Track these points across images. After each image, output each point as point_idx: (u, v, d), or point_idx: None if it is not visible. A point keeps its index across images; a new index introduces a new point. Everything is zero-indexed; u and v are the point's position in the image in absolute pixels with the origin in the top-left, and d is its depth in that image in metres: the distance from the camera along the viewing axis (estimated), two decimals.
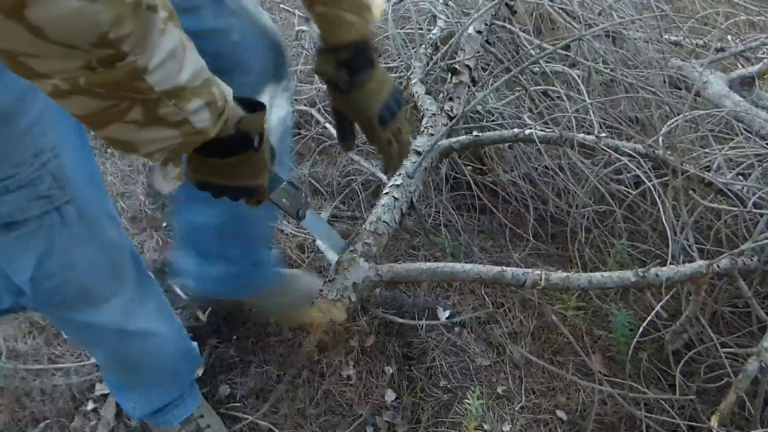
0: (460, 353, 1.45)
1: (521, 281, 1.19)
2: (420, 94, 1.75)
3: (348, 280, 1.15)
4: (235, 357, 1.44)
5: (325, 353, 1.43)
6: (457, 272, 1.21)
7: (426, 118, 1.62)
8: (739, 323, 1.41)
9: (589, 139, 1.46)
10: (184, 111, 0.59)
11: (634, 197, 1.54)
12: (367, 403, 1.36)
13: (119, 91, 0.54)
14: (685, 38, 2.12)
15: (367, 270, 1.18)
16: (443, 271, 1.21)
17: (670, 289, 1.26)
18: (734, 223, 1.45)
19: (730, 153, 1.52)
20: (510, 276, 1.19)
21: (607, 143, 1.46)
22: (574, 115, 1.62)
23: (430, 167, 1.49)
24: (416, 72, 1.86)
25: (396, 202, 1.37)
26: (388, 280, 1.21)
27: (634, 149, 1.46)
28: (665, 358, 1.39)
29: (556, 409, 1.36)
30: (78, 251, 0.87)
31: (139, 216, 1.76)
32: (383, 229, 1.30)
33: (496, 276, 1.20)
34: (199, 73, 0.60)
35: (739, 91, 1.86)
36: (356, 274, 1.16)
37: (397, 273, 1.21)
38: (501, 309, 1.55)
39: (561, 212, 1.70)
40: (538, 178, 1.73)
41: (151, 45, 0.53)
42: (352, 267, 1.16)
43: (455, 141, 1.54)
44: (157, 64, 0.54)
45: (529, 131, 1.48)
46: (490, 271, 1.20)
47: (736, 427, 1.26)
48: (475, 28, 1.87)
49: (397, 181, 1.42)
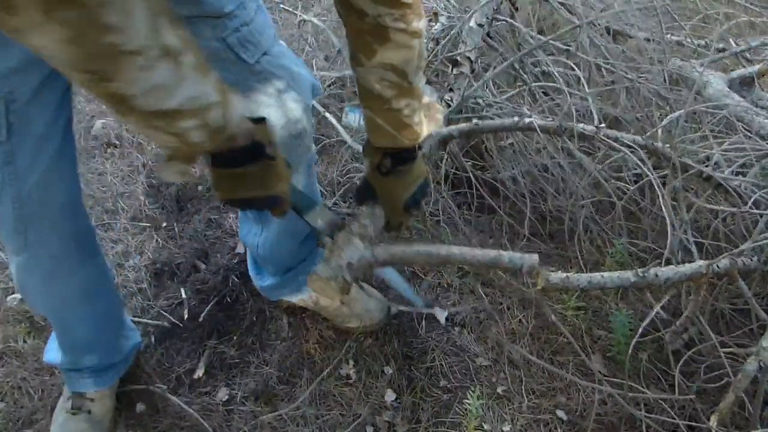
0: (460, 353, 1.46)
1: (518, 265, 1.16)
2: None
3: (343, 260, 1.12)
4: (235, 357, 1.44)
5: (327, 351, 1.44)
6: (453, 255, 1.18)
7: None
8: (740, 323, 1.41)
9: (588, 130, 1.45)
10: (175, 127, 0.66)
11: (632, 192, 1.54)
12: (367, 403, 1.36)
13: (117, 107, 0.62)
14: (687, 38, 2.11)
15: (363, 250, 1.15)
16: (439, 254, 1.19)
17: (670, 289, 1.26)
18: (733, 221, 1.45)
19: (729, 151, 1.52)
20: (507, 260, 1.17)
21: (607, 134, 1.45)
22: (575, 105, 1.61)
23: (428, 154, 1.47)
24: None
25: None
26: (383, 260, 1.18)
27: (634, 140, 1.45)
28: (665, 358, 1.39)
29: (556, 409, 1.36)
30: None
31: (139, 216, 1.76)
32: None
33: (493, 259, 1.17)
34: (199, 98, 0.65)
35: (739, 91, 1.86)
36: (351, 253, 1.13)
37: (394, 254, 1.18)
38: (500, 308, 1.55)
39: (560, 210, 1.69)
40: (538, 174, 1.73)
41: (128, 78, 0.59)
42: (348, 246, 1.14)
43: (454, 129, 1.53)
44: (140, 92, 0.60)
45: (529, 120, 1.47)
46: (487, 254, 1.18)
47: (736, 427, 1.26)
48: (477, 21, 1.86)
49: None
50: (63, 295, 1.16)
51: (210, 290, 1.55)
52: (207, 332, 1.48)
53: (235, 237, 1.67)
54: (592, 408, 1.32)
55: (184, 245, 1.66)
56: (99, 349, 1.28)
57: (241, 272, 1.58)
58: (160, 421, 1.32)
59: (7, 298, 1.54)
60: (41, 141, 0.95)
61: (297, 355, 1.44)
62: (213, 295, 1.54)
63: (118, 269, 1.62)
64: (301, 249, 1.39)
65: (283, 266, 1.41)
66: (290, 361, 1.43)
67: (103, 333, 1.28)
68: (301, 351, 1.45)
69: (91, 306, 1.21)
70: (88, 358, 1.27)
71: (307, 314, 1.52)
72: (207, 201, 1.79)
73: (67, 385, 1.30)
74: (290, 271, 1.42)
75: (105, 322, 1.28)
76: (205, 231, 1.70)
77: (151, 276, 1.60)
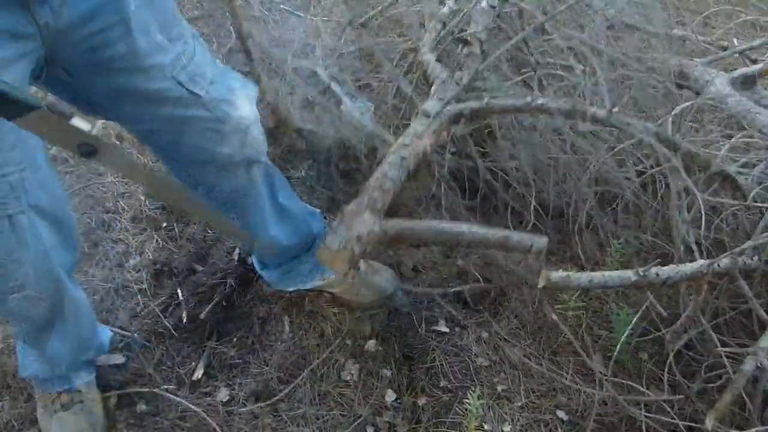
0: (461, 353, 1.45)
1: (527, 246, 1.15)
2: (430, 62, 1.73)
3: (352, 232, 1.10)
4: (235, 358, 1.44)
5: (327, 352, 1.43)
6: (463, 232, 1.17)
7: (436, 85, 1.60)
8: (740, 323, 1.40)
9: (600, 114, 1.43)
10: None
11: (635, 187, 1.53)
12: (368, 403, 1.36)
13: None
14: (691, 34, 2.10)
15: (373, 223, 1.13)
16: (450, 231, 1.17)
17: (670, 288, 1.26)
18: (735, 220, 1.45)
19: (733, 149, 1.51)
20: (515, 240, 1.16)
21: (619, 119, 1.43)
22: (586, 93, 1.60)
23: (439, 130, 1.45)
24: (426, 42, 1.84)
25: (403, 161, 1.34)
26: (393, 235, 1.16)
27: (645, 127, 1.44)
28: (666, 358, 1.38)
29: (556, 409, 1.36)
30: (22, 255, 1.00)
31: (139, 216, 1.76)
32: (389, 185, 1.26)
33: (501, 239, 1.16)
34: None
35: (741, 90, 1.85)
36: (361, 226, 1.10)
37: (403, 229, 1.16)
38: (501, 308, 1.55)
39: (562, 199, 1.67)
40: (540, 165, 1.71)
41: None
42: (358, 218, 1.11)
43: (465, 106, 1.51)
44: None
45: (542, 100, 1.45)
46: (495, 233, 1.17)
47: (736, 427, 1.25)
48: (489, 2, 1.84)
49: (405, 140, 1.39)
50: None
51: (210, 290, 1.55)
52: (207, 333, 1.48)
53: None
54: (592, 408, 1.32)
55: (184, 245, 1.66)
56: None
57: (240, 273, 1.58)
58: (160, 422, 1.32)
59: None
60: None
61: (297, 355, 1.44)
62: (213, 295, 1.54)
63: (118, 269, 1.62)
64: (299, 236, 1.43)
65: (287, 256, 1.46)
66: (290, 361, 1.43)
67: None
68: (301, 351, 1.45)
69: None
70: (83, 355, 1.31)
71: (308, 314, 1.52)
72: None
73: (51, 389, 1.31)
74: (294, 260, 1.46)
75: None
76: (205, 231, 1.70)
77: (151, 276, 1.60)
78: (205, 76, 1.06)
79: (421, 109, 1.47)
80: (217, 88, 1.08)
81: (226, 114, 1.09)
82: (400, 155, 1.34)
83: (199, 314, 1.50)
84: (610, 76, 1.81)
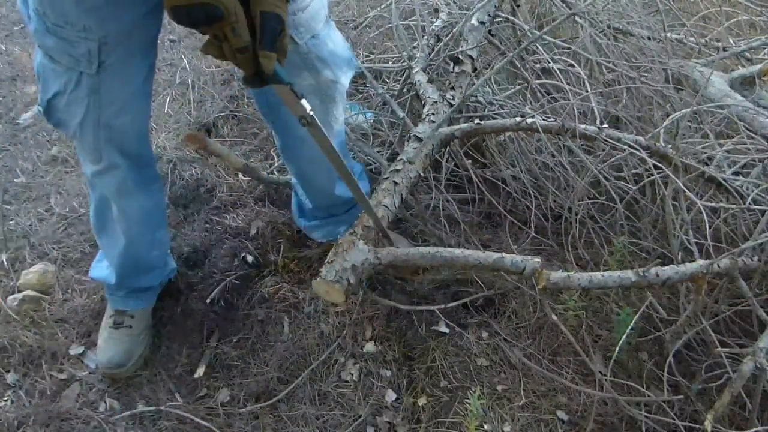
0: (460, 353, 1.45)
1: (520, 268, 1.17)
2: (422, 82, 1.75)
3: (347, 262, 1.13)
4: (235, 358, 1.44)
5: (327, 352, 1.43)
6: (456, 257, 1.20)
7: (428, 106, 1.62)
8: (740, 323, 1.40)
9: (590, 130, 1.45)
10: None
11: (633, 193, 1.54)
12: (368, 403, 1.36)
13: None
14: (688, 37, 2.11)
15: (367, 252, 1.16)
16: (442, 256, 1.20)
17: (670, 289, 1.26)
18: (734, 221, 1.45)
19: (731, 151, 1.51)
20: (509, 263, 1.18)
21: (609, 134, 1.44)
22: (577, 105, 1.61)
23: (431, 153, 1.47)
24: (419, 61, 1.86)
25: (396, 186, 1.36)
26: (387, 263, 1.19)
27: (636, 141, 1.45)
28: (665, 358, 1.38)
29: (556, 410, 1.36)
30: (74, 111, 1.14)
31: None
32: (383, 212, 1.28)
33: (495, 262, 1.19)
34: None
35: (740, 90, 1.86)
36: (355, 256, 1.14)
37: (397, 257, 1.20)
38: (501, 308, 1.55)
39: (561, 208, 1.69)
40: (539, 172, 1.72)
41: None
42: (351, 249, 1.14)
43: (456, 128, 1.53)
44: None
45: (531, 120, 1.47)
46: (489, 257, 1.19)
47: (736, 427, 1.25)
48: (478, 19, 1.86)
49: (397, 166, 1.41)
50: (128, 211, 1.33)
51: (210, 290, 1.55)
52: (207, 333, 1.49)
53: (235, 238, 1.67)
54: (592, 408, 1.32)
55: (184, 245, 1.66)
56: (150, 271, 1.45)
57: (240, 273, 1.58)
58: (160, 422, 1.32)
59: (7, 299, 1.54)
60: (125, 79, 1.13)
61: (297, 355, 1.44)
62: (213, 295, 1.54)
63: None
64: (339, 198, 1.51)
65: (327, 212, 1.58)
66: (290, 361, 1.43)
67: (157, 257, 1.45)
68: (301, 351, 1.45)
69: (147, 227, 1.38)
70: (142, 279, 1.44)
71: (308, 314, 1.52)
72: (208, 202, 1.79)
73: (111, 304, 1.46)
74: (332, 217, 1.58)
75: (158, 246, 1.44)
76: (205, 232, 1.70)
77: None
78: (309, 29, 1.18)
79: (412, 135, 1.49)
80: (316, 44, 1.20)
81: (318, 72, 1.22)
82: (393, 180, 1.36)
83: (200, 314, 1.50)
84: (606, 82, 1.83)
